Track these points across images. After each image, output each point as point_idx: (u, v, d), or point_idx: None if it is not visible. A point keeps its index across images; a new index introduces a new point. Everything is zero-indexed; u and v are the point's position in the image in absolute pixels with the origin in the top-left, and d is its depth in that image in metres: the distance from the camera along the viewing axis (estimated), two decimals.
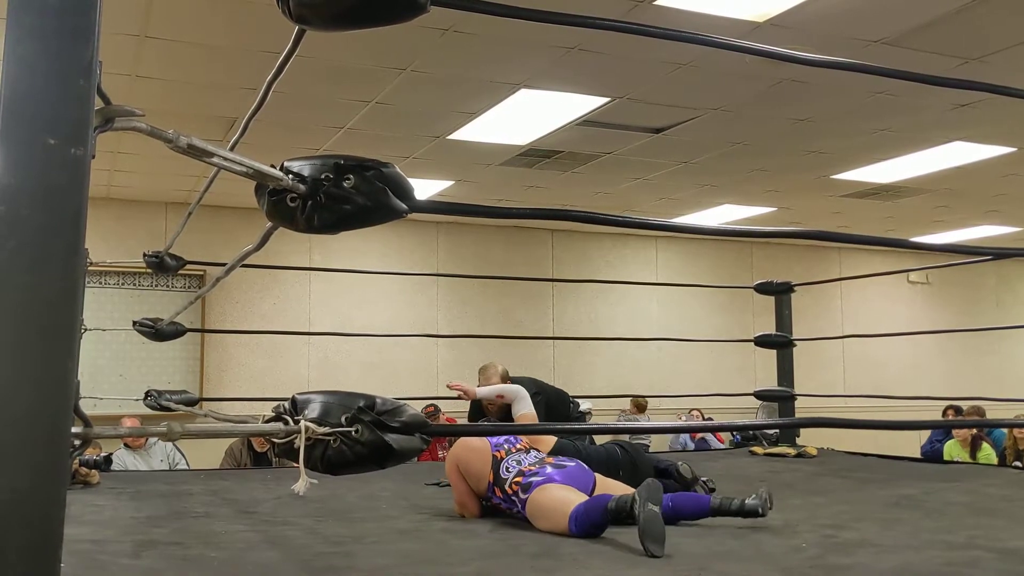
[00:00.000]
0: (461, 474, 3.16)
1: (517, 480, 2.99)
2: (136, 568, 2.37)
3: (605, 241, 10.59)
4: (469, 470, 3.14)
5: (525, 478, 2.98)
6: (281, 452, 1.28)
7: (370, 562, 2.44)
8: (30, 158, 0.97)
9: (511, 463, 3.07)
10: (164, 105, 5.71)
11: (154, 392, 4.06)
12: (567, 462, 3.09)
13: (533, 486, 2.92)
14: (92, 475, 3.86)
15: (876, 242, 2.37)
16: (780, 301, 5.34)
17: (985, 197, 8.79)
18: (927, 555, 2.47)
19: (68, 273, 0.98)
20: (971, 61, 5.02)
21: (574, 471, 3.03)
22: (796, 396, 5.27)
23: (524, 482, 2.96)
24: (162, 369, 8.44)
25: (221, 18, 4.52)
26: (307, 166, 1.28)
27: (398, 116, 6.13)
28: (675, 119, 6.26)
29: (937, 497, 3.57)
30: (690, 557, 2.44)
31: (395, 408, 1.28)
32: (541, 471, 2.99)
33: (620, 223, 1.68)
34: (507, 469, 3.05)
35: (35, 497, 0.94)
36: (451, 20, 4.50)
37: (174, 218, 8.55)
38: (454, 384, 4.04)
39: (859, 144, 6.88)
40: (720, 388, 9.09)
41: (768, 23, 4.50)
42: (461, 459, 3.17)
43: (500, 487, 3.04)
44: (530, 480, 2.95)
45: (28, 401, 0.95)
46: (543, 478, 2.95)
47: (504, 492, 3.02)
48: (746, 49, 1.83)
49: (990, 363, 12.10)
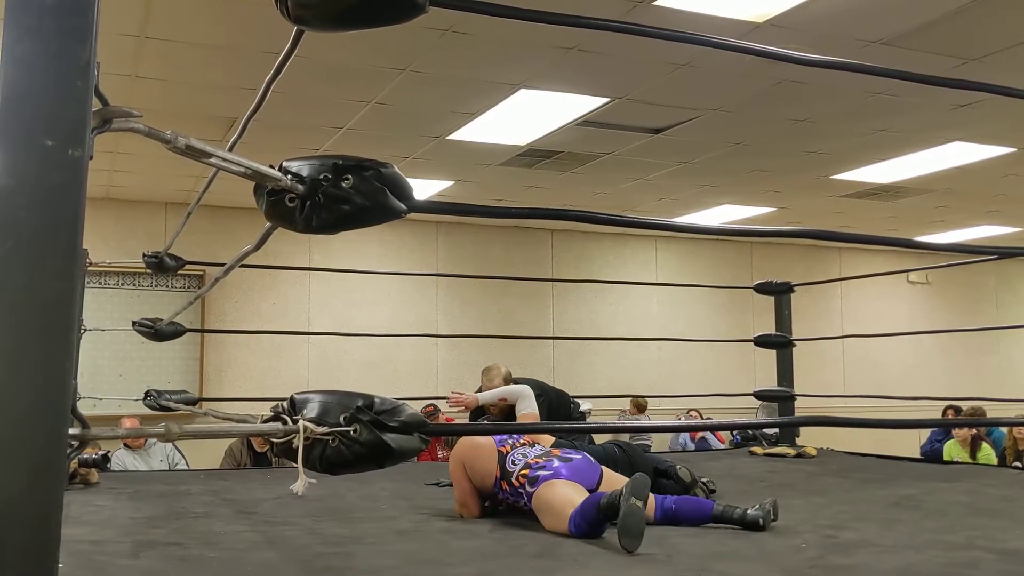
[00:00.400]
0: (466, 473, 3.17)
1: (524, 472, 3.01)
2: (135, 568, 2.37)
3: (605, 241, 10.59)
4: (475, 468, 3.15)
5: (532, 471, 3.00)
6: (280, 452, 1.28)
7: (369, 562, 2.44)
8: (28, 159, 0.97)
9: (517, 456, 3.09)
10: (163, 105, 5.71)
11: (154, 392, 4.06)
12: (573, 455, 3.11)
13: (540, 480, 2.94)
14: (91, 474, 3.86)
15: (878, 241, 2.37)
16: (780, 301, 5.34)
17: (985, 197, 8.79)
18: (927, 555, 2.47)
19: (66, 274, 0.98)
20: (970, 61, 5.02)
21: (580, 464, 3.05)
22: (796, 396, 5.26)
23: (531, 475, 2.98)
24: (162, 369, 8.44)
25: (220, 18, 4.52)
26: (305, 166, 1.27)
27: (397, 116, 6.13)
28: (675, 119, 6.26)
29: (937, 497, 3.57)
30: (690, 557, 2.44)
31: (393, 408, 1.28)
32: (548, 464, 3.01)
33: (619, 222, 1.68)
34: (513, 462, 3.08)
35: (32, 498, 0.94)
36: (450, 21, 4.50)
37: (173, 218, 8.55)
38: (453, 398, 4.05)
39: (859, 144, 6.88)
40: (720, 388, 9.09)
41: (767, 23, 4.50)
42: (467, 457, 3.18)
43: (507, 480, 3.05)
44: (537, 473, 2.97)
45: (25, 402, 0.95)
46: (550, 472, 2.96)
47: (511, 485, 3.04)
48: (745, 49, 1.83)
49: (990, 363, 12.10)
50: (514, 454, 3.10)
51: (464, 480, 3.17)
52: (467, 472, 3.16)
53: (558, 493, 2.87)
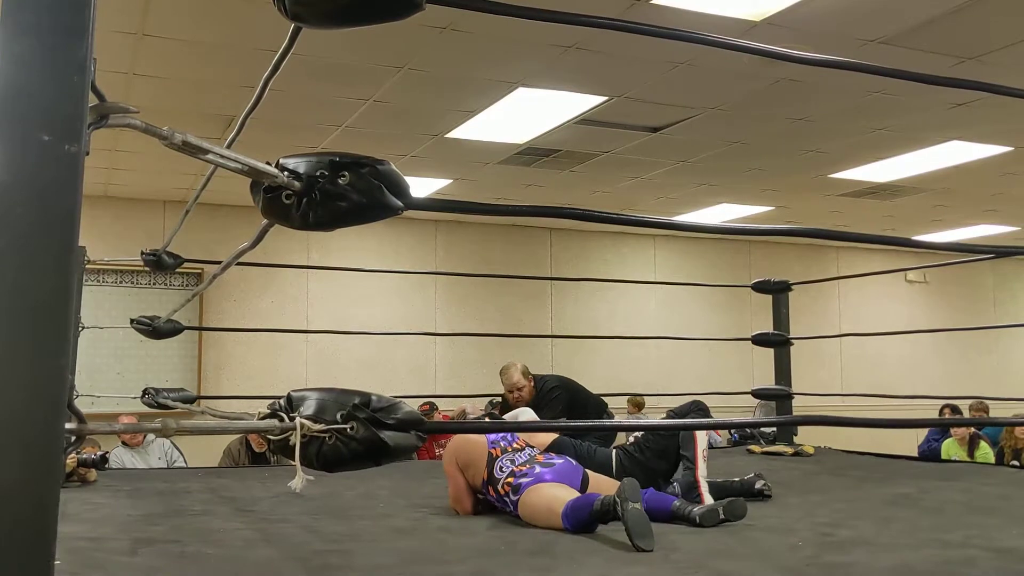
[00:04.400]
0: (459, 468, 3.18)
1: (508, 481, 3.03)
2: (133, 565, 2.37)
3: (604, 240, 10.60)
4: (468, 462, 3.17)
5: (516, 479, 3.02)
6: (277, 449, 1.28)
7: (367, 560, 2.44)
8: (23, 154, 0.97)
9: (505, 463, 3.11)
10: (161, 103, 5.71)
11: (151, 390, 4.05)
12: (556, 459, 3.13)
13: (523, 487, 2.97)
14: (90, 473, 3.87)
15: (877, 240, 2.37)
16: (778, 300, 5.34)
17: (983, 196, 8.80)
18: (924, 553, 2.47)
19: (62, 270, 0.98)
20: (968, 60, 5.03)
21: (563, 468, 3.07)
22: (793, 395, 5.27)
23: (515, 483, 3.01)
24: (160, 367, 8.44)
25: (218, 16, 4.52)
26: (302, 163, 1.28)
27: (395, 115, 6.13)
28: (673, 118, 6.26)
29: (934, 496, 3.57)
30: (687, 555, 2.44)
31: (390, 405, 1.28)
32: (530, 472, 3.03)
33: (617, 220, 1.68)
34: (500, 469, 3.09)
35: (28, 493, 0.94)
36: (449, 18, 4.50)
37: (172, 216, 8.55)
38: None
39: (856, 143, 6.89)
40: (718, 386, 9.09)
41: (765, 22, 4.50)
42: (460, 451, 3.21)
43: (493, 487, 3.08)
44: (520, 481, 3.00)
45: (21, 398, 0.95)
46: (532, 479, 2.98)
47: (497, 492, 3.06)
48: (743, 48, 1.83)
49: (987, 362, 12.11)
50: (503, 460, 3.12)
51: (458, 475, 3.19)
52: (460, 468, 3.18)
53: (544, 494, 2.89)
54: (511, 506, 3.00)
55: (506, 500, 3.02)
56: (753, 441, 5.90)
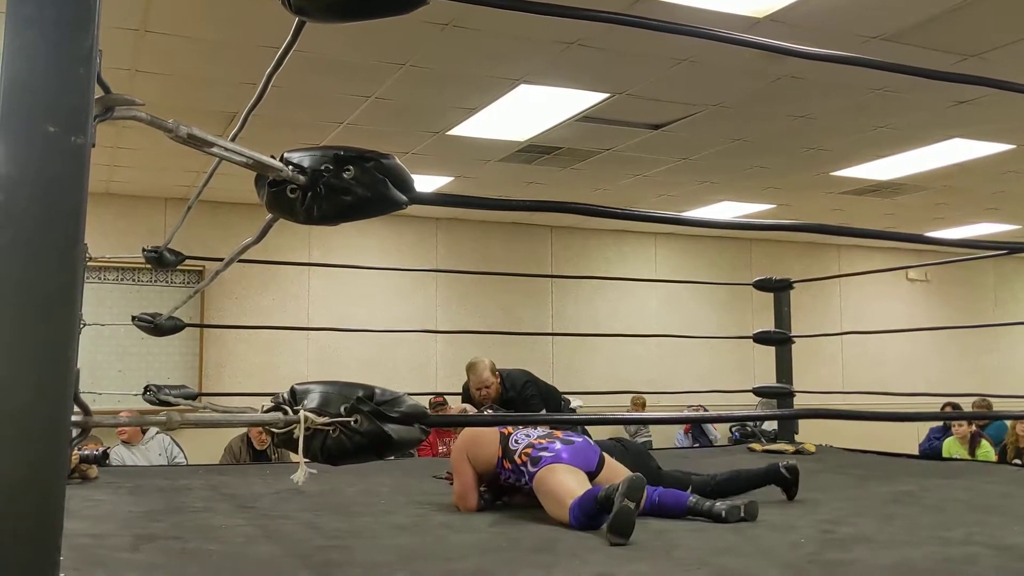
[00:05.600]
0: (470, 462, 3.20)
1: (527, 451, 3.06)
2: (135, 562, 2.37)
3: (605, 237, 10.59)
4: (479, 454, 3.19)
5: (535, 451, 3.05)
6: (280, 442, 1.28)
7: (368, 557, 2.44)
8: (30, 147, 0.97)
9: (520, 436, 3.16)
10: (163, 100, 5.70)
11: (153, 387, 4.06)
12: (575, 437, 3.17)
13: (543, 461, 3.00)
14: (91, 469, 3.87)
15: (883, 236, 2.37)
16: (779, 298, 5.34)
17: (985, 194, 8.79)
18: (925, 551, 2.47)
19: (67, 263, 0.98)
20: (970, 58, 5.02)
21: (581, 446, 3.10)
22: (795, 392, 5.27)
23: (534, 455, 3.04)
24: (161, 364, 8.44)
25: (220, 12, 4.52)
26: (307, 157, 1.28)
27: (397, 112, 6.13)
28: (674, 115, 6.26)
29: (935, 493, 3.57)
30: (690, 551, 2.44)
31: (394, 398, 1.29)
32: (551, 446, 3.06)
33: (619, 215, 1.68)
34: (516, 441, 3.13)
35: (35, 486, 0.94)
36: (451, 15, 4.49)
37: (173, 213, 8.55)
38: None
39: (859, 141, 6.88)
40: (719, 384, 9.08)
41: (767, 19, 4.50)
42: (470, 441, 3.23)
43: (509, 458, 3.11)
44: (540, 454, 3.03)
45: (28, 391, 0.95)
46: (552, 455, 3.01)
47: (513, 463, 3.09)
48: (746, 42, 1.83)
49: (988, 361, 12.10)
50: (517, 434, 3.17)
51: (467, 471, 3.19)
52: (471, 461, 3.19)
53: (560, 480, 2.92)
54: (528, 477, 3.02)
55: (523, 470, 3.04)
56: (754, 439, 5.90)
